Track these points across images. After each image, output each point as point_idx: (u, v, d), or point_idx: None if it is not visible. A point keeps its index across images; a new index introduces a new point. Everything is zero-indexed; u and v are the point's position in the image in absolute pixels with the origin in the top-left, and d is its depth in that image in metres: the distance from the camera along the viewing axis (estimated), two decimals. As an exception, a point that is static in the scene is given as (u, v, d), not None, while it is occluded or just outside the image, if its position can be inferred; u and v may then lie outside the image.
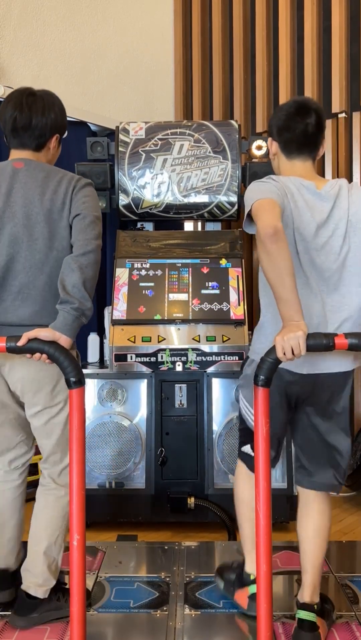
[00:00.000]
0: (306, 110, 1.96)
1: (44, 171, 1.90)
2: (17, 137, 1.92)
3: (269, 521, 1.61)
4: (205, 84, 4.43)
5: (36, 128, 1.90)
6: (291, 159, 2.00)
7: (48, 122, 1.92)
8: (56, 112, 1.95)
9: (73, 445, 1.62)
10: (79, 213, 1.84)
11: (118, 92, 4.18)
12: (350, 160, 3.66)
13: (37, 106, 1.91)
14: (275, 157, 2.06)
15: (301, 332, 1.60)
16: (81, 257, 1.77)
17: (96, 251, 1.79)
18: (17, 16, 3.55)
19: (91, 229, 1.82)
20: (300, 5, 3.86)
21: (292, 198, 1.88)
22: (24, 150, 1.94)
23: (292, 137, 1.97)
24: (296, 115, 1.96)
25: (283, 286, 1.67)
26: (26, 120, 1.89)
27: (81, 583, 1.60)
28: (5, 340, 1.66)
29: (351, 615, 2.02)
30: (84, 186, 1.90)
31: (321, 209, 1.90)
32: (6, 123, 1.91)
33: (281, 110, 2.02)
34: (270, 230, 1.67)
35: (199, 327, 2.91)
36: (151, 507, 2.86)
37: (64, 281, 1.75)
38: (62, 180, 1.89)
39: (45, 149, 1.97)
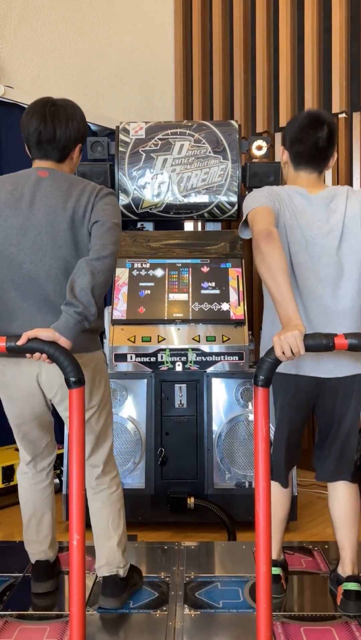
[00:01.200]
0: (319, 124, 1.99)
1: (68, 181, 1.91)
2: (41, 150, 1.94)
3: (269, 521, 1.61)
4: (205, 84, 4.43)
5: (60, 141, 1.92)
6: (297, 171, 2.07)
7: (72, 134, 1.94)
8: (78, 121, 1.97)
9: (73, 445, 1.62)
10: (98, 220, 1.85)
11: (118, 92, 4.18)
12: (350, 160, 3.66)
13: (60, 118, 1.92)
14: (285, 166, 2.13)
15: (298, 332, 1.62)
16: (95, 262, 1.76)
17: (111, 257, 1.79)
18: (17, 16, 3.55)
19: (108, 235, 1.82)
20: (300, 6, 3.86)
21: (282, 203, 1.96)
22: (48, 161, 1.95)
23: (302, 150, 2.02)
24: (308, 128, 1.99)
25: (277, 286, 1.71)
26: (50, 133, 1.90)
27: (81, 583, 1.60)
28: (5, 340, 1.66)
29: (351, 616, 2.02)
30: (106, 195, 1.92)
31: (312, 212, 1.96)
32: (30, 135, 1.93)
33: (295, 122, 2.06)
34: (265, 233, 1.77)
35: (199, 327, 2.91)
36: (151, 507, 2.86)
37: (73, 282, 1.74)
38: (85, 189, 1.90)
39: (69, 159, 1.99)
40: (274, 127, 4.05)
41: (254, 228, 1.83)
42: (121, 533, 2.10)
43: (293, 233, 1.95)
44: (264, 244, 1.75)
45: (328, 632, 1.93)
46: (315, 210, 1.96)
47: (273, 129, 4.06)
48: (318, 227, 1.95)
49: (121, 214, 1.96)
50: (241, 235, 2.07)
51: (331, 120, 2.02)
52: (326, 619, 2.01)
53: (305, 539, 2.74)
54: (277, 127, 4.01)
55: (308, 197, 1.98)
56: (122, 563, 2.10)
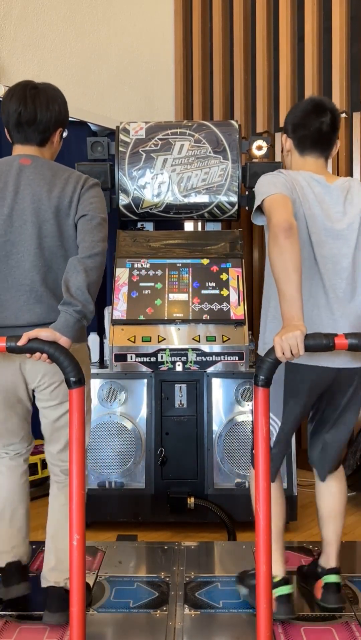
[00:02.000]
0: (322, 109, 1.98)
1: (52, 169, 1.89)
2: (21, 132, 1.91)
3: (269, 521, 1.61)
4: (205, 84, 4.43)
5: (41, 123, 1.89)
6: (303, 156, 2.03)
7: (52, 116, 1.91)
8: (60, 104, 1.95)
9: (73, 445, 1.62)
10: (86, 214, 1.83)
11: (118, 92, 4.18)
12: (350, 160, 3.66)
13: (40, 100, 1.89)
14: (288, 154, 2.09)
15: (299, 332, 1.61)
16: (87, 260, 1.76)
17: (102, 254, 1.79)
18: (17, 16, 3.55)
19: (98, 231, 1.81)
20: (300, 6, 3.86)
21: (301, 191, 1.91)
22: (28, 146, 1.93)
23: (306, 134, 2.00)
24: (312, 113, 1.98)
25: (289, 282, 1.68)
26: (31, 114, 1.87)
27: (81, 583, 1.60)
28: (5, 340, 1.66)
29: (351, 616, 2.02)
30: (92, 186, 1.90)
31: (331, 202, 1.93)
32: (10, 117, 1.90)
33: (297, 108, 2.04)
34: (286, 225, 1.70)
35: (199, 327, 2.90)
36: (151, 507, 2.86)
37: (68, 282, 1.74)
38: (70, 178, 1.88)
39: (49, 144, 1.96)
40: (274, 127, 4.05)
41: (273, 217, 1.75)
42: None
43: (314, 223, 1.90)
44: (284, 238, 1.69)
45: (328, 632, 1.93)
46: (335, 201, 1.93)
47: (273, 129, 4.05)
48: (338, 219, 1.92)
49: (106, 207, 1.93)
50: (254, 222, 1.97)
51: (334, 107, 2.01)
52: (326, 619, 2.01)
53: (305, 539, 2.74)
54: (277, 127, 4.01)
55: (327, 186, 1.94)
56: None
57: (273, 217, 1.75)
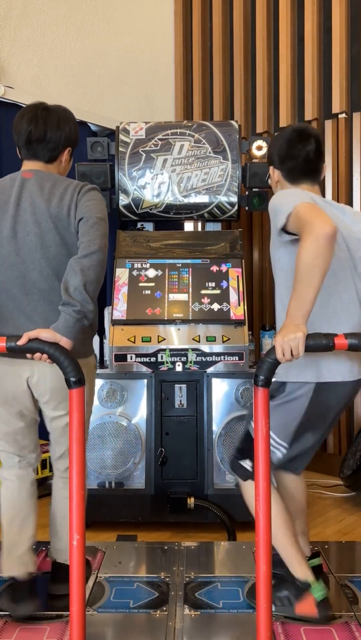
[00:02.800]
0: (306, 137, 1.98)
1: (51, 180, 1.93)
2: (30, 149, 1.96)
3: (269, 521, 1.61)
4: (205, 84, 4.43)
5: (50, 141, 1.94)
6: (296, 185, 2.01)
7: (62, 136, 1.96)
8: (70, 126, 1.99)
9: (73, 445, 1.62)
10: (82, 216, 1.85)
11: (118, 92, 4.18)
12: (350, 161, 3.66)
13: (51, 119, 1.95)
14: (278, 185, 2.07)
15: (301, 334, 1.62)
16: (84, 259, 1.77)
17: (99, 252, 1.79)
18: (17, 16, 3.55)
19: (94, 230, 1.82)
20: (300, 5, 3.86)
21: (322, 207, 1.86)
22: (36, 162, 1.97)
23: (295, 166, 1.99)
24: (297, 143, 1.98)
25: (310, 286, 1.66)
26: (41, 133, 1.93)
27: (81, 583, 1.60)
28: (5, 340, 1.66)
29: (351, 616, 2.02)
30: (88, 191, 1.92)
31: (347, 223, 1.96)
32: (20, 136, 1.95)
33: (281, 139, 2.03)
34: (331, 230, 1.63)
35: (199, 327, 2.91)
36: (151, 507, 2.86)
37: (66, 283, 1.76)
38: (68, 187, 1.92)
39: (57, 162, 2.01)
40: (274, 127, 4.05)
41: (316, 221, 1.65)
42: None
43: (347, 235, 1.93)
44: (325, 243, 1.62)
45: (328, 632, 1.93)
46: (349, 221, 1.95)
47: (273, 129, 4.06)
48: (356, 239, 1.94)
49: (106, 209, 1.94)
50: (282, 239, 1.85)
51: (317, 133, 2.02)
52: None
53: (305, 539, 2.74)
54: (277, 127, 4.01)
55: (339, 208, 1.97)
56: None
57: (315, 221, 1.66)
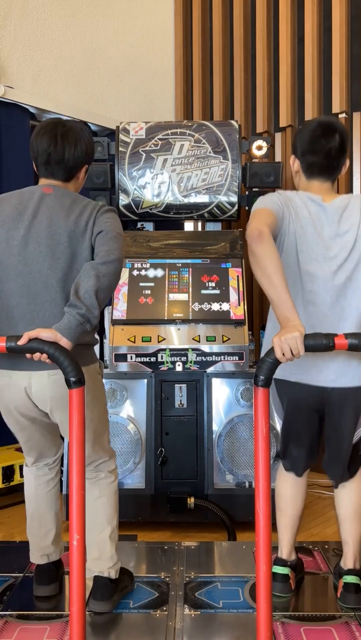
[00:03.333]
0: (331, 133, 1.98)
1: (71, 197, 1.95)
2: (49, 170, 1.97)
3: (269, 521, 1.61)
4: (205, 84, 4.43)
5: (69, 162, 1.96)
6: (310, 180, 2.04)
7: (80, 156, 1.97)
8: (87, 143, 2.00)
9: (73, 445, 1.62)
10: (102, 230, 1.87)
11: (118, 92, 4.18)
12: (350, 160, 3.66)
13: (69, 140, 1.95)
14: (297, 175, 2.10)
15: (298, 333, 1.62)
16: (101, 265, 1.78)
17: (117, 262, 1.81)
18: (17, 16, 3.55)
19: (113, 242, 1.84)
20: (301, 5, 3.86)
21: (295, 209, 1.93)
22: (54, 180, 1.99)
23: (315, 161, 2.00)
24: (320, 138, 1.98)
25: (273, 287, 1.70)
26: (60, 154, 1.94)
27: (81, 583, 1.60)
28: (5, 340, 1.66)
29: (351, 615, 2.02)
30: (107, 211, 1.96)
31: (326, 221, 1.95)
32: (39, 155, 1.96)
33: (305, 131, 2.03)
34: (255, 232, 1.73)
35: (199, 327, 2.90)
36: (151, 507, 2.86)
37: (78, 285, 1.76)
38: (88, 205, 1.94)
39: (74, 179, 2.02)
40: (274, 127, 4.05)
41: (247, 228, 1.79)
42: (115, 526, 2.10)
43: (305, 240, 1.92)
44: (255, 245, 1.72)
45: (328, 632, 1.93)
46: (329, 220, 1.95)
47: (273, 129, 4.06)
48: (330, 238, 1.93)
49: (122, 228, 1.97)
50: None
51: (342, 128, 2.01)
52: (326, 619, 2.01)
53: (305, 539, 2.74)
54: (277, 127, 4.01)
55: (323, 205, 1.96)
56: (114, 559, 2.08)
57: (249, 224, 1.79)
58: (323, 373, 1.96)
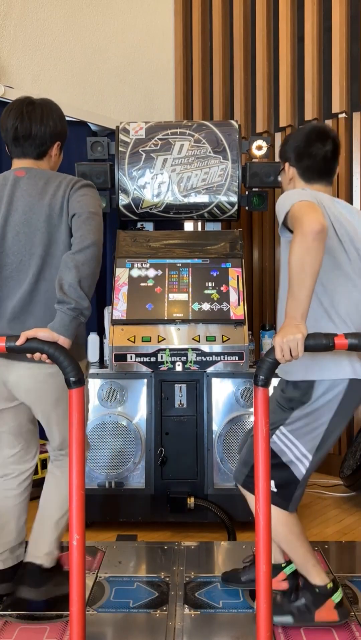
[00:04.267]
0: (325, 137, 1.97)
1: (44, 178, 1.92)
2: (18, 147, 1.95)
3: (269, 521, 1.61)
4: (205, 84, 4.43)
5: (37, 137, 1.93)
6: (311, 184, 1.99)
7: (47, 130, 1.95)
8: (55, 119, 1.97)
9: (73, 445, 1.62)
10: (75, 212, 1.84)
11: (118, 92, 4.18)
12: (350, 160, 3.66)
13: (36, 115, 1.93)
14: (291, 182, 2.03)
15: (300, 335, 1.61)
16: (77, 254, 1.75)
17: (93, 246, 1.76)
18: (17, 16, 3.55)
19: (86, 225, 1.80)
20: (300, 5, 3.87)
21: (327, 209, 1.88)
22: (26, 159, 1.97)
23: (312, 165, 1.98)
24: (316, 142, 1.96)
25: (303, 285, 1.66)
26: (27, 129, 1.92)
27: (81, 583, 1.60)
28: (5, 340, 1.66)
29: (351, 615, 2.02)
30: (81, 187, 1.91)
31: (353, 223, 1.94)
32: (7, 132, 1.95)
33: (299, 136, 2.00)
34: (318, 227, 1.63)
35: (199, 327, 2.90)
36: (151, 507, 2.86)
37: (61, 280, 1.74)
38: (61, 183, 1.91)
39: (47, 157, 2.00)
40: (274, 127, 4.05)
41: (304, 219, 1.66)
42: (63, 515, 2.04)
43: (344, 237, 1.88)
44: (313, 240, 1.62)
45: (328, 632, 1.93)
46: (356, 221, 1.94)
47: (273, 129, 4.06)
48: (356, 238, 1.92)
49: (99, 203, 1.92)
50: (282, 236, 1.88)
51: (335, 134, 2.01)
52: (326, 619, 2.01)
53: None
54: (277, 127, 4.01)
55: (347, 207, 1.95)
56: (52, 547, 2.01)
57: (304, 218, 1.67)
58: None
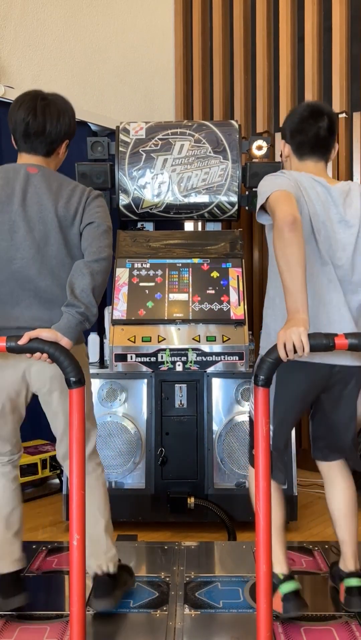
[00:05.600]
0: (319, 114, 1.99)
1: (57, 180, 1.93)
2: (28, 143, 1.93)
3: (269, 521, 1.61)
4: (205, 84, 4.43)
5: (50, 135, 1.92)
6: (303, 160, 2.04)
7: (62, 129, 1.94)
8: (70, 117, 1.97)
9: (73, 445, 1.62)
10: (92, 221, 1.86)
11: (118, 92, 4.18)
12: (350, 160, 3.66)
13: (51, 111, 1.91)
14: (287, 160, 2.11)
15: (303, 329, 1.62)
16: (94, 263, 1.79)
17: (108, 260, 1.82)
18: (17, 16, 3.55)
19: (104, 237, 1.85)
20: (301, 5, 3.86)
21: (305, 191, 1.92)
22: (35, 156, 1.95)
23: (304, 140, 2.01)
24: (309, 119, 1.99)
25: (292, 276, 1.69)
26: (40, 126, 1.90)
27: (81, 583, 1.60)
28: (5, 340, 1.66)
29: (351, 615, 2.02)
30: (96, 197, 1.94)
31: (332, 204, 1.94)
32: (17, 126, 1.91)
33: (295, 114, 2.05)
34: (290, 218, 1.70)
35: (199, 327, 2.90)
36: (151, 507, 2.86)
37: (73, 284, 1.76)
38: (75, 190, 1.92)
39: (55, 154, 2.00)
40: (274, 127, 4.05)
41: (277, 212, 1.75)
42: (108, 519, 2.07)
43: (317, 222, 1.91)
44: (288, 231, 1.69)
45: (328, 632, 1.93)
46: (335, 203, 1.94)
47: (273, 129, 4.06)
48: (338, 221, 1.93)
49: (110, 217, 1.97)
50: (259, 221, 1.96)
51: (330, 111, 2.03)
52: (326, 619, 2.01)
53: (305, 539, 2.74)
54: (277, 127, 4.01)
55: (328, 188, 1.95)
56: (112, 552, 2.05)
57: (277, 211, 1.75)
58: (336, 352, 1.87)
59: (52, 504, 3.21)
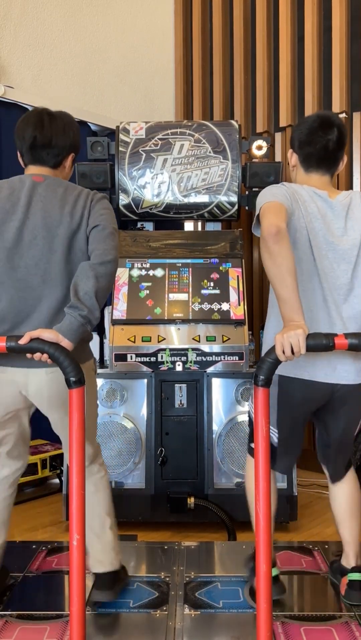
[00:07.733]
0: (328, 126, 1.98)
1: (62, 186, 1.94)
2: (35, 155, 1.96)
3: (269, 521, 1.61)
4: (205, 84, 4.43)
5: (56, 147, 1.95)
6: (308, 173, 2.04)
7: (67, 142, 1.98)
8: (74, 131, 2.01)
9: (73, 445, 1.62)
10: (98, 224, 1.87)
11: (118, 92, 4.18)
12: (350, 161, 3.66)
13: (57, 125, 1.95)
14: (294, 169, 2.10)
15: (301, 331, 1.62)
16: (99, 266, 1.78)
17: (114, 263, 1.82)
18: (17, 16, 3.55)
19: (110, 240, 1.84)
20: (301, 5, 3.86)
21: (303, 204, 1.91)
22: (42, 167, 1.98)
23: (312, 152, 2.00)
24: (318, 130, 1.98)
25: (284, 285, 1.69)
26: (46, 139, 1.93)
27: (81, 583, 1.60)
28: (5, 340, 1.66)
29: (351, 615, 2.02)
30: (101, 199, 1.95)
31: (333, 218, 1.94)
32: (24, 141, 1.95)
33: (304, 124, 2.03)
34: (273, 230, 1.70)
35: (199, 327, 2.90)
36: (151, 507, 2.86)
37: (77, 286, 1.76)
38: (81, 194, 1.93)
39: (62, 168, 2.02)
40: (274, 127, 4.05)
41: (263, 223, 1.75)
42: (113, 517, 2.12)
43: (316, 237, 1.91)
44: (272, 243, 1.69)
45: (328, 632, 1.93)
46: (336, 216, 1.94)
47: (273, 129, 4.06)
48: (339, 235, 1.93)
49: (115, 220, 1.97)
50: (254, 233, 1.95)
51: (340, 123, 2.01)
52: (326, 619, 2.01)
53: (305, 539, 2.74)
54: (277, 127, 4.01)
55: (329, 202, 1.95)
56: (117, 549, 2.11)
57: (262, 223, 1.76)
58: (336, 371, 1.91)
59: (52, 504, 3.21)
